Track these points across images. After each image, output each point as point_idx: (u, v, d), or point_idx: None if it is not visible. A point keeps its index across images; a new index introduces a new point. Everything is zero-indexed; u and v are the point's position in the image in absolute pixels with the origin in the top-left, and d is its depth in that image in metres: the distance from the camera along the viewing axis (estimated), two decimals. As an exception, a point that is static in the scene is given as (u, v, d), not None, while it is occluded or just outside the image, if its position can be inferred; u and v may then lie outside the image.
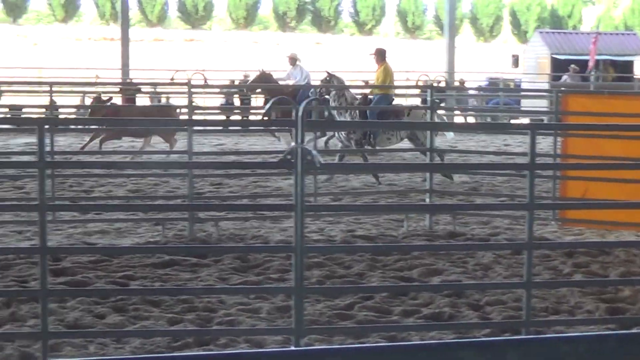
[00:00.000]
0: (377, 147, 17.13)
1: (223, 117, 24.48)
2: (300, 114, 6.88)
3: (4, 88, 25.59)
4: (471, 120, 30.25)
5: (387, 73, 17.92)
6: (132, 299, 8.82)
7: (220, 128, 20.05)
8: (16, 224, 12.19)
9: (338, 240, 11.74)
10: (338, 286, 9.43)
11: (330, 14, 79.38)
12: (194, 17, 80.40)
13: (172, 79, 22.89)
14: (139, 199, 14.35)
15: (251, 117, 26.03)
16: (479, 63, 48.86)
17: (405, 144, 17.55)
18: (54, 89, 18.88)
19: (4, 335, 7.75)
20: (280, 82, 23.04)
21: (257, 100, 27.25)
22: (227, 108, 25.87)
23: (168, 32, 77.32)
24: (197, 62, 43.58)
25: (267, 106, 11.79)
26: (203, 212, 12.38)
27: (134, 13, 73.03)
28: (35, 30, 75.46)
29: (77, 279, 9.58)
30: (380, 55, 18.09)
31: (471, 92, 32.31)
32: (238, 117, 26.79)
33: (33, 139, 14.61)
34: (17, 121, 21.80)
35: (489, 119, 29.14)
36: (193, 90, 13.91)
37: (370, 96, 17.42)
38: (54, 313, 8.17)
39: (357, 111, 16.76)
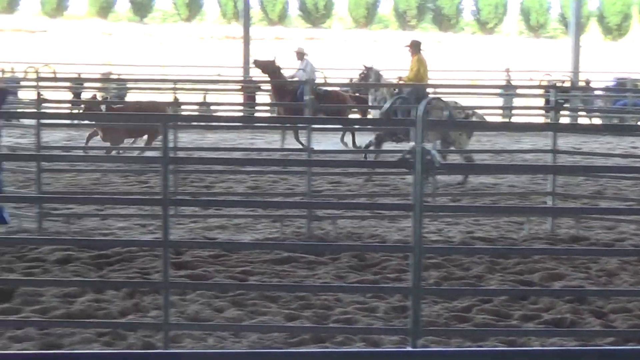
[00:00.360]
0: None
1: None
2: (420, 113, 6.84)
3: (130, 85, 26.18)
4: (597, 121, 29.60)
5: (421, 63, 17.72)
6: (250, 294, 8.92)
7: (340, 126, 20.08)
8: (140, 217, 12.47)
9: (457, 241, 11.64)
10: (456, 288, 9.35)
11: (451, 12, 78.60)
12: (314, 16, 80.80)
13: (292, 77, 23.01)
14: (259, 195, 14.50)
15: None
16: (606, 62, 47.71)
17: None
18: (177, 86, 19.24)
19: (127, 325, 7.92)
20: (291, 79, 22.82)
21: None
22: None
23: (288, 30, 77.83)
24: (317, 60, 43.74)
25: (387, 104, 11.74)
26: (321, 210, 12.42)
27: (256, 12, 73.79)
28: (160, 29, 76.95)
29: (198, 273, 9.74)
30: (415, 46, 17.95)
31: (597, 92, 31.57)
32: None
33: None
34: (142, 118, 22.22)
35: (615, 121, 28.43)
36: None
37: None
38: (175, 305, 8.32)
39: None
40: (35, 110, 13.17)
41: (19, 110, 20.41)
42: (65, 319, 8.04)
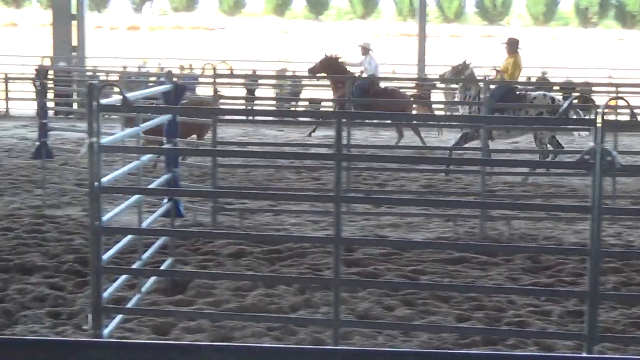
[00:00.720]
0: (495, 140, 16.34)
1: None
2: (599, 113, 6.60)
3: (304, 82, 26.50)
4: None
5: (516, 65, 17.01)
6: (421, 294, 8.84)
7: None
8: (312, 213, 12.57)
9: (637, 245, 11.23)
10: (635, 294, 9.01)
11: (635, 8, 76.17)
12: (492, 13, 79.91)
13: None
14: (431, 194, 14.40)
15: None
16: None
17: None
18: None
19: (298, 320, 7.98)
20: (354, 69, 22.48)
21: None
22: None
23: (464, 28, 77.28)
24: (492, 58, 43.20)
25: (566, 104, 11.42)
26: (495, 210, 12.22)
27: (432, 9, 73.55)
28: (335, 26, 77.74)
29: (369, 271, 9.73)
30: (513, 45, 17.20)
31: None
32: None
33: (331, 132, 15.00)
34: (316, 114, 22.51)
35: None
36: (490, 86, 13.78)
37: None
38: (345, 302, 8.33)
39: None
40: (212, 107, 13.45)
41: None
42: (237, 312, 8.16)
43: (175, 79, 9.35)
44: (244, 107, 22.26)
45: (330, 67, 21.61)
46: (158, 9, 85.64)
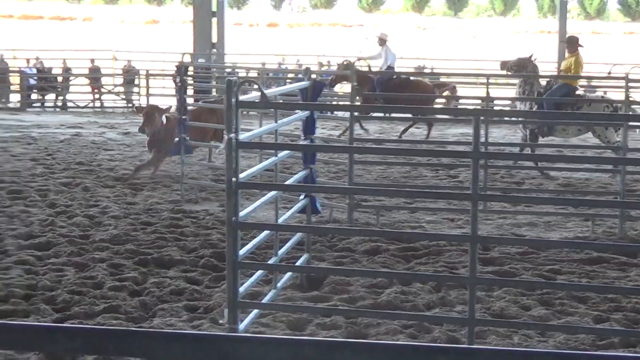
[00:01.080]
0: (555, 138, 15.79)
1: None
2: None
3: (443, 79, 26.34)
4: None
5: (578, 64, 16.40)
6: (558, 293, 8.70)
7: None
8: (448, 211, 12.50)
9: None
10: None
11: None
12: (635, 10, 77.80)
13: (609, 73, 22.28)
14: (570, 193, 14.15)
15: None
16: None
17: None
18: (490, 81, 19.12)
19: (432, 318, 7.95)
20: (373, 61, 22.20)
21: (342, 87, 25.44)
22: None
23: (606, 24, 75.48)
24: (635, 55, 42.13)
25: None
26: (635, 210, 11.90)
27: (572, 6, 72.09)
28: (474, 23, 77.01)
29: (505, 269, 9.63)
30: (572, 43, 16.63)
31: None
32: None
33: (468, 130, 14.90)
34: (454, 112, 22.36)
35: None
36: (630, 84, 13.40)
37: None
38: (480, 301, 8.26)
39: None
40: (348, 103, 13.51)
41: (333, 102, 21.07)
42: (372, 309, 8.18)
43: (313, 76, 9.42)
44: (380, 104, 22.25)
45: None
46: (297, 6, 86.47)
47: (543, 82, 16.75)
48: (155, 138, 15.18)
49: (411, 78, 21.71)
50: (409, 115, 18.75)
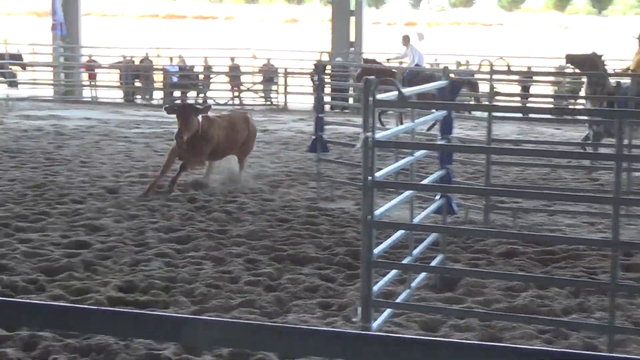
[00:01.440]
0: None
1: None
2: None
3: (582, 79, 25.72)
4: None
5: None
6: None
7: None
8: (589, 215, 12.19)
9: None
10: None
11: None
12: None
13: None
14: None
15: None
16: None
17: None
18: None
19: (570, 324, 7.76)
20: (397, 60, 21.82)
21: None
22: None
23: None
24: None
25: None
26: None
27: None
28: (620, 21, 75.13)
29: (648, 277, 9.34)
30: None
31: None
32: None
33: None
34: (595, 113, 21.78)
35: None
36: None
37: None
38: (621, 308, 8.02)
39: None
40: (487, 103, 13.34)
41: (471, 102, 20.85)
42: (507, 312, 8.04)
43: (451, 75, 9.33)
44: (519, 104, 21.92)
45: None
46: (436, 5, 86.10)
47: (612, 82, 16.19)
48: (192, 144, 13.36)
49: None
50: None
